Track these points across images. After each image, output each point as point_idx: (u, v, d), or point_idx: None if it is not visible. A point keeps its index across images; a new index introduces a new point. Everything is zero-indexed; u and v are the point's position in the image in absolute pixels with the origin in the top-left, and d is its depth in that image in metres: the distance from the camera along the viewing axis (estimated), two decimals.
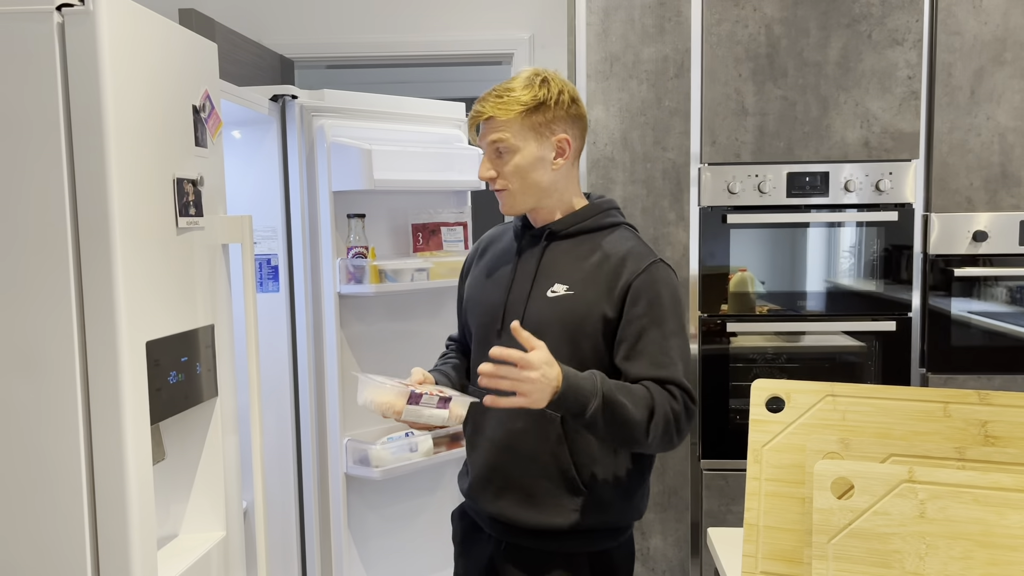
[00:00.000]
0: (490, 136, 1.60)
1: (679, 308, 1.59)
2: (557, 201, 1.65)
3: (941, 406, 1.30)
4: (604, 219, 1.65)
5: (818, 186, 2.58)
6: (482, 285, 1.72)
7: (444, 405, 1.50)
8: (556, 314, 1.57)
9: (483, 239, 1.83)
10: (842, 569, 1.20)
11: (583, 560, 1.62)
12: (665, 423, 1.50)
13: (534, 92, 1.57)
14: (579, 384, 1.44)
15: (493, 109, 1.57)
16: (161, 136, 1.46)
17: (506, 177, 1.60)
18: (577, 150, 1.64)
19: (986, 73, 2.54)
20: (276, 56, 3.13)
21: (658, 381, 1.52)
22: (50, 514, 1.35)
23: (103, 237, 1.32)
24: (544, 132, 1.59)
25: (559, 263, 1.62)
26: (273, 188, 2.38)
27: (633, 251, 1.59)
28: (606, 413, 1.45)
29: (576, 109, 1.61)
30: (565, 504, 1.59)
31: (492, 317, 1.65)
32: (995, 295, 2.61)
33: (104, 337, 1.33)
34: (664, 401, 1.50)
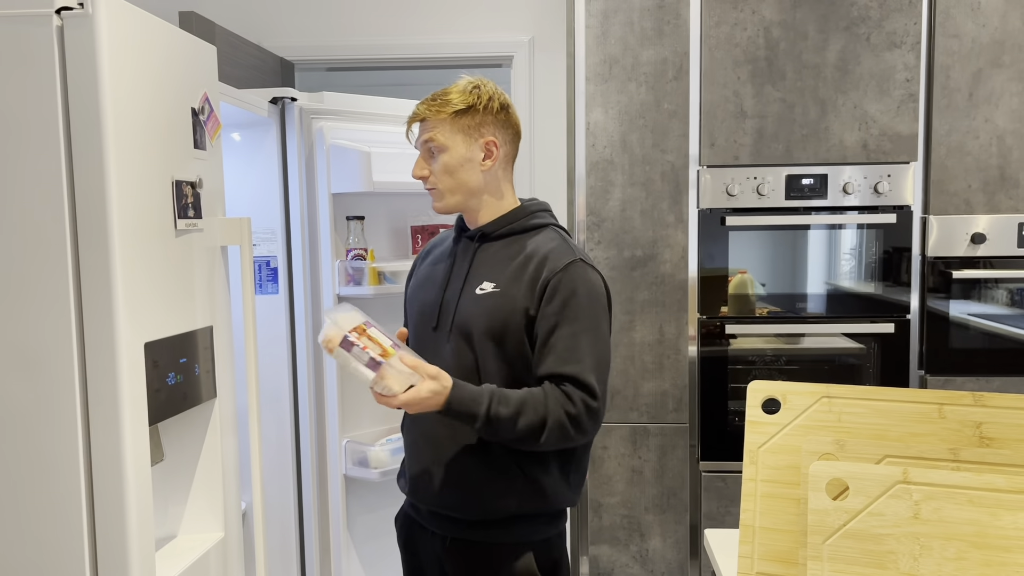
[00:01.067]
0: (423, 136, 1.70)
1: (596, 307, 1.63)
2: (487, 202, 1.72)
3: (936, 408, 1.31)
4: (532, 220, 1.72)
5: (817, 188, 2.59)
6: (422, 285, 1.80)
7: (374, 367, 1.46)
8: (483, 310, 1.63)
9: (429, 244, 1.91)
10: (837, 570, 1.20)
11: (528, 549, 1.67)
12: (560, 428, 1.56)
13: (464, 96, 1.67)
14: (465, 401, 1.52)
15: (426, 111, 1.68)
16: (160, 138, 1.47)
17: (436, 175, 1.69)
18: (507, 155, 1.72)
19: (984, 76, 2.54)
20: (276, 58, 3.13)
21: (560, 377, 1.57)
22: (49, 515, 1.35)
23: (102, 239, 1.33)
24: (472, 134, 1.67)
25: (489, 263, 1.69)
26: (272, 190, 2.39)
27: (555, 251, 1.65)
28: (491, 428, 1.53)
29: (505, 116, 1.70)
30: (504, 489, 1.62)
31: (428, 315, 1.73)
32: (994, 297, 2.62)
33: (103, 338, 1.34)
34: (558, 406, 1.55)
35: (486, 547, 1.66)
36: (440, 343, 1.68)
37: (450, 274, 1.73)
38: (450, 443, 1.65)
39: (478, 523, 1.65)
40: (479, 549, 1.67)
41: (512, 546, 1.67)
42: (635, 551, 2.70)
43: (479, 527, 1.65)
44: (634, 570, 2.71)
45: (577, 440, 1.60)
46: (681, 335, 2.65)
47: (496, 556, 1.66)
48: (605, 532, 2.71)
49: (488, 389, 1.56)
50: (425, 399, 1.49)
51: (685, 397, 2.66)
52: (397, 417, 2.61)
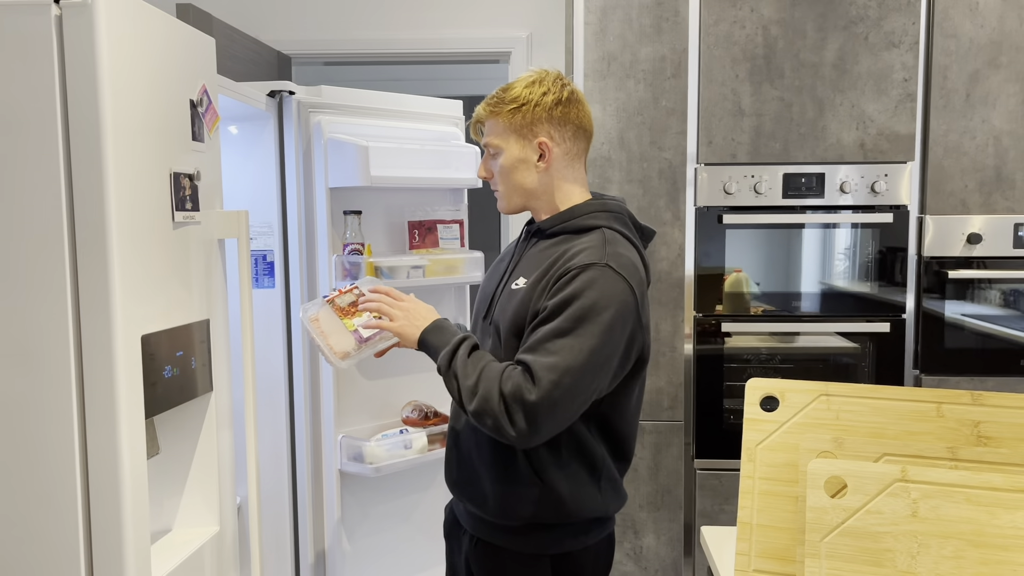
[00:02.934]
0: (483, 138, 1.66)
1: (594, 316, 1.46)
2: (548, 202, 1.65)
3: (934, 406, 1.31)
4: (586, 220, 1.61)
5: (814, 187, 2.59)
6: (489, 276, 1.79)
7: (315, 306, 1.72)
8: (511, 306, 1.61)
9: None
10: (835, 567, 1.21)
11: (545, 562, 1.60)
12: (487, 399, 1.45)
13: (518, 93, 1.60)
14: (442, 331, 1.58)
15: (483, 111, 1.64)
16: (158, 130, 1.46)
17: (497, 178, 1.66)
18: (568, 152, 1.62)
19: (981, 76, 2.55)
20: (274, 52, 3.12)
21: (517, 362, 1.48)
22: (43, 508, 1.35)
23: (99, 231, 1.32)
24: (526, 134, 1.60)
25: (531, 259, 1.64)
26: (270, 184, 2.38)
27: (584, 252, 1.53)
28: (452, 365, 1.52)
29: (562, 111, 1.60)
30: (521, 495, 1.56)
31: (483, 305, 1.72)
32: (989, 298, 2.62)
33: (99, 330, 1.33)
34: (495, 380, 1.46)
35: (503, 552, 1.62)
36: (486, 334, 1.67)
37: (507, 267, 1.71)
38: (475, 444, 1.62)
39: (498, 527, 1.61)
40: (497, 553, 1.62)
41: (528, 556, 1.60)
42: (629, 548, 2.71)
43: (499, 531, 1.62)
44: (628, 567, 2.71)
45: (506, 429, 1.44)
46: (677, 333, 2.65)
47: (511, 564, 1.61)
48: None
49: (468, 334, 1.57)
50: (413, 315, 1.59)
51: (680, 395, 2.67)
52: (393, 412, 2.62)
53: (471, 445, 1.63)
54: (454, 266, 2.62)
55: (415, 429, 2.54)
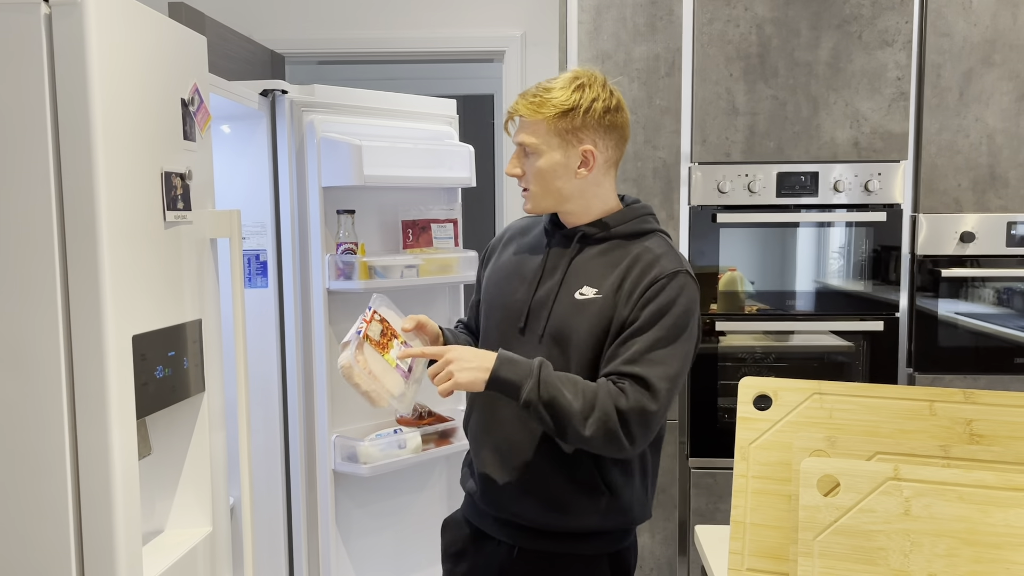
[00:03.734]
0: (519, 136, 1.58)
1: (689, 322, 1.51)
2: (583, 207, 1.60)
3: (927, 404, 1.31)
4: (639, 225, 1.60)
5: (807, 186, 2.59)
6: (507, 280, 1.67)
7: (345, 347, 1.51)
8: (584, 317, 1.53)
9: (509, 229, 1.78)
10: (827, 566, 1.21)
11: (603, 561, 1.59)
12: (605, 419, 1.42)
13: (566, 97, 1.52)
14: (514, 362, 1.45)
15: (524, 108, 1.55)
16: (149, 129, 1.46)
17: (529, 177, 1.58)
18: (609, 160, 1.58)
19: (975, 75, 2.55)
20: (267, 51, 3.11)
21: (621, 375, 1.46)
22: (34, 509, 1.34)
23: (89, 230, 1.31)
24: (570, 140, 1.54)
25: (590, 266, 1.57)
26: (262, 183, 2.37)
27: (664, 257, 1.54)
28: (543, 394, 1.42)
29: (611, 119, 1.55)
30: (588, 506, 1.54)
31: (516, 314, 1.61)
32: (982, 296, 2.63)
33: (90, 331, 1.32)
34: (608, 398, 1.43)
35: (558, 557, 1.58)
36: (529, 347, 1.56)
37: (542, 273, 1.61)
38: (533, 453, 1.56)
39: (552, 534, 1.57)
40: (553, 559, 1.58)
41: (587, 558, 1.59)
42: None
43: (554, 538, 1.57)
44: None
45: (623, 444, 1.44)
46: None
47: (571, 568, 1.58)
48: None
49: (539, 359, 1.46)
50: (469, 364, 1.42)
51: None
52: (387, 412, 2.61)
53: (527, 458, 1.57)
54: (448, 265, 2.62)
55: (409, 429, 2.53)
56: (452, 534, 1.74)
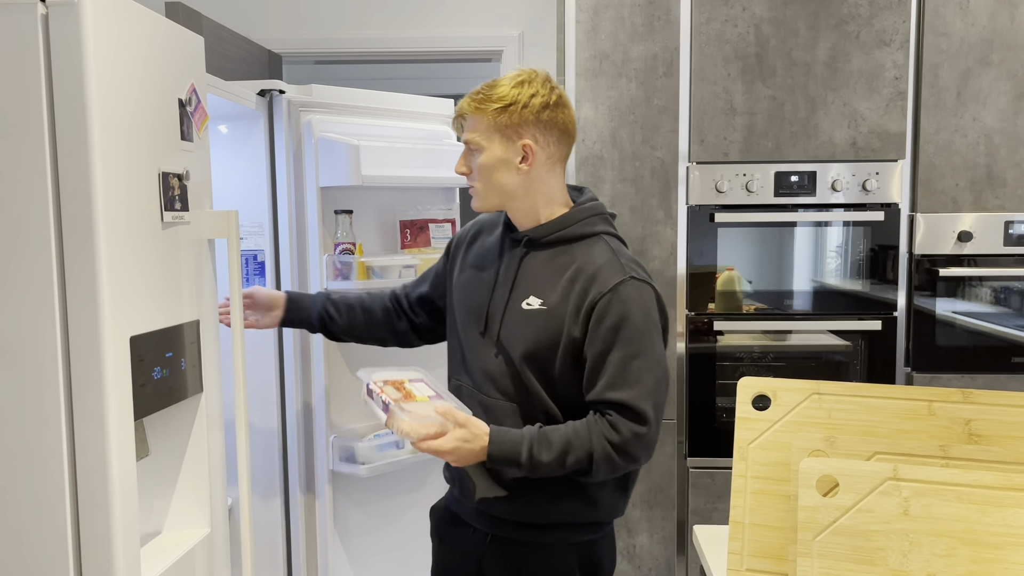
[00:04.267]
0: (465, 134, 1.63)
1: (649, 327, 1.55)
2: (529, 205, 1.63)
3: (925, 404, 1.31)
4: (583, 228, 1.62)
5: (805, 186, 2.60)
6: (470, 282, 1.72)
7: (384, 411, 1.53)
8: (530, 329, 1.58)
9: (477, 223, 1.82)
10: (826, 566, 1.21)
11: (570, 550, 1.64)
12: (607, 460, 1.51)
13: (506, 92, 1.57)
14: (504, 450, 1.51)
15: (468, 106, 1.61)
16: (146, 130, 1.45)
17: (475, 175, 1.63)
18: (551, 156, 1.61)
19: (972, 74, 2.55)
20: (264, 51, 3.11)
21: (608, 404, 1.52)
22: (32, 511, 1.34)
23: (87, 231, 1.31)
24: (510, 135, 1.58)
25: (537, 275, 1.61)
26: (260, 183, 2.37)
27: (604, 268, 1.56)
28: (536, 472, 1.52)
29: (549, 115, 1.59)
30: (553, 500, 1.60)
31: (476, 317, 1.67)
32: (979, 295, 2.63)
33: (87, 332, 1.32)
34: (601, 439, 1.51)
35: (529, 546, 1.64)
36: (487, 349, 1.63)
37: (496, 278, 1.66)
38: None
39: (523, 525, 1.62)
40: (522, 547, 1.64)
41: (556, 547, 1.64)
42: (623, 547, 2.71)
43: (524, 528, 1.63)
44: (621, 566, 2.71)
45: (629, 467, 1.56)
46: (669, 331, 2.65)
47: (538, 555, 1.64)
48: None
49: (528, 434, 1.52)
50: (456, 448, 1.48)
51: (673, 393, 2.67)
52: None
53: None
54: None
55: None
56: (436, 518, 1.83)
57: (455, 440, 1.48)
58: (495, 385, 1.63)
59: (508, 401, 1.61)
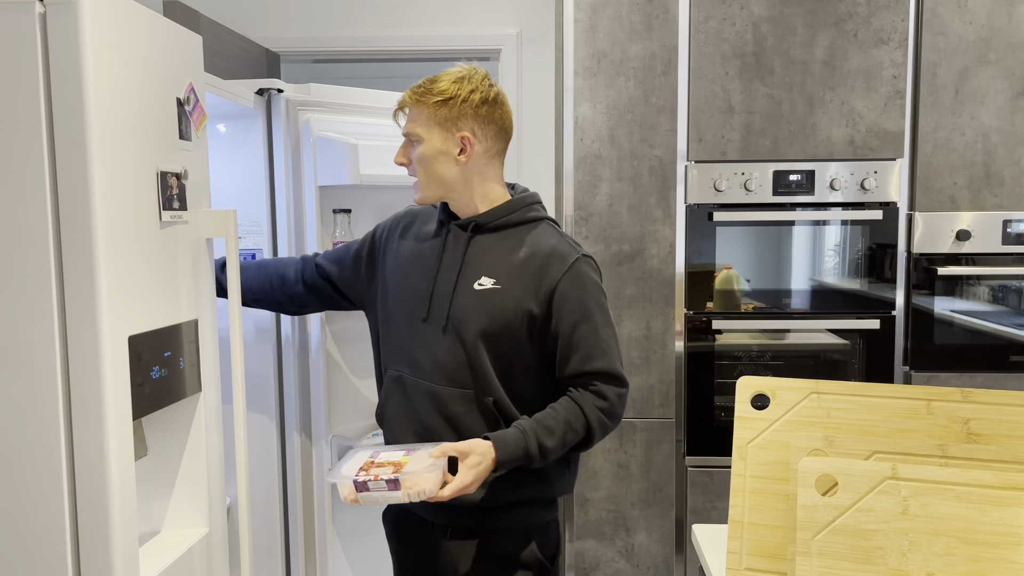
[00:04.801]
0: (406, 126, 1.69)
1: (602, 298, 1.66)
2: (469, 195, 1.70)
3: (924, 403, 1.31)
4: (527, 213, 1.71)
5: (804, 184, 2.60)
6: (407, 269, 1.75)
7: (395, 487, 1.48)
8: (483, 307, 1.63)
9: (409, 213, 1.86)
10: (825, 565, 1.21)
11: (528, 533, 1.69)
12: (602, 427, 1.62)
13: (446, 86, 1.64)
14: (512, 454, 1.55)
15: (409, 98, 1.67)
16: (145, 129, 1.45)
17: (415, 167, 1.69)
18: (489, 150, 1.69)
19: (970, 73, 2.55)
20: (262, 50, 3.10)
21: (589, 375, 1.61)
22: (30, 511, 1.33)
23: (85, 230, 1.31)
24: (449, 127, 1.65)
25: (486, 256, 1.67)
26: (258, 182, 2.36)
27: (557, 249, 1.65)
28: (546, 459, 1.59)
29: (488, 110, 1.66)
30: (506, 478, 1.63)
31: (418, 306, 1.70)
32: (977, 294, 2.63)
33: (86, 331, 1.32)
34: (593, 409, 1.61)
35: (488, 533, 1.68)
36: (433, 335, 1.67)
37: (440, 264, 1.70)
38: (448, 434, 1.65)
39: (478, 509, 1.65)
40: (482, 536, 1.68)
41: (514, 531, 1.69)
42: (621, 546, 2.71)
43: (480, 513, 1.66)
44: (619, 564, 2.72)
45: (614, 427, 1.65)
46: (668, 330, 2.65)
47: (499, 542, 1.68)
48: (591, 526, 2.71)
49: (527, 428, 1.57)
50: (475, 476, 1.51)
51: (671, 392, 2.67)
52: None
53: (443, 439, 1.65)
54: None
55: None
56: (392, 521, 1.84)
57: (469, 470, 1.51)
58: (441, 371, 1.66)
59: (455, 387, 1.65)
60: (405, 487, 1.48)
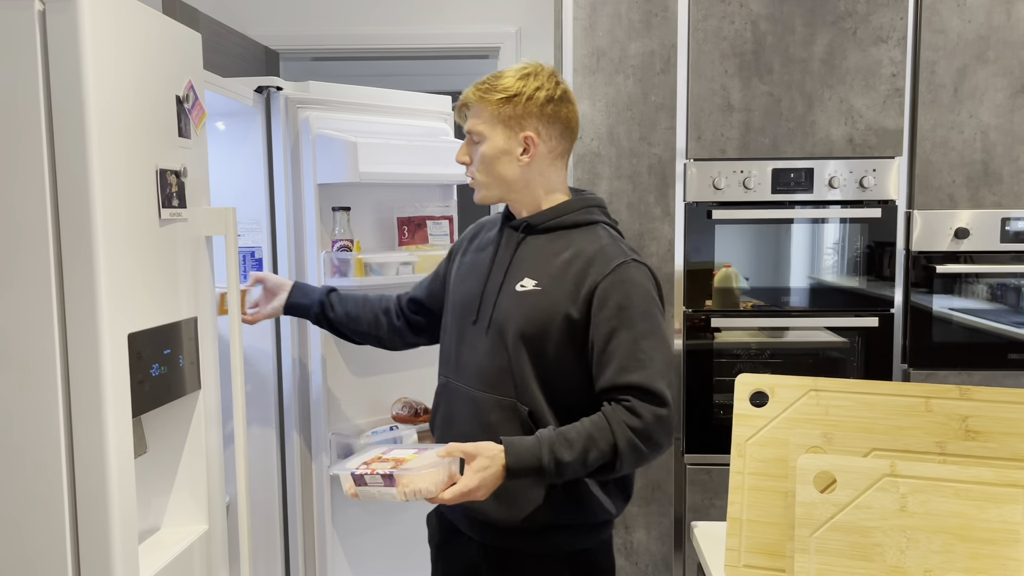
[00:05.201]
0: (468, 123, 1.63)
1: (652, 308, 1.54)
2: (530, 197, 1.64)
3: (923, 401, 1.31)
4: (582, 216, 1.63)
5: (802, 182, 2.60)
6: (465, 275, 1.72)
7: (390, 483, 1.43)
8: (522, 309, 1.56)
9: (477, 225, 1.82)
10: (824, 562, 1.21)
11: (562, 561, 1.60)
12: (632, 450, 1.47)
13: (511, 84, 1.57)
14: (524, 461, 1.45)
15: (472, 95, 1.60)
16: (144, 126, 1.45)
17: (475, 165, 1.63)
18: (553, 150, 1.62)
19: (969, 71, 2.55)
20: (261, 48, 3.10)
21: (623, 388, 1.49)
22: (30, 508, 1.34)
23: (84, 228, 1.31)
24: (513, 126, 1.58)
25: (532, 257, 1.61)
26: (257, 180, 2.36)
27: (603, 251, 1.56)
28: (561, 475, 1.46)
29: (553, 109, 1.59)
30: (537, 498, 1.55)
31: (469, 308, 1.66)
32: (976, 292, 2.64)
33: (85, 329, 1.32)
34: (621, 426, 1.46)
35: (520, 556, 1.60)
36: (478, 339, 1.61)
37: (492, 265, 1.65)
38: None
39: (512, 530, 1.57)
40: (513, 558, 1.60)
41: (547, 557, 1.59)
42: (620, 543, 2.71)
43: (513, 535, 1.58)
44: (619, 562, 2.72)
45: (654, 455, 1.50)
46: (666, 328, 2.65)
47: (530, 567, 1.59)
48: None
49: (544, 436, 1.47)
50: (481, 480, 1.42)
51: None
52: (383, 410, 2.61)
53: None
54: None
55: (405, 426, 2.53)
56: (433, 526, 1.81)
57: (475, 473, 1.43)
58: (482, 376, 1.60)
59: (494, 394, 1.58)
60: (401, 484, 1.41)
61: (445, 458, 1.46)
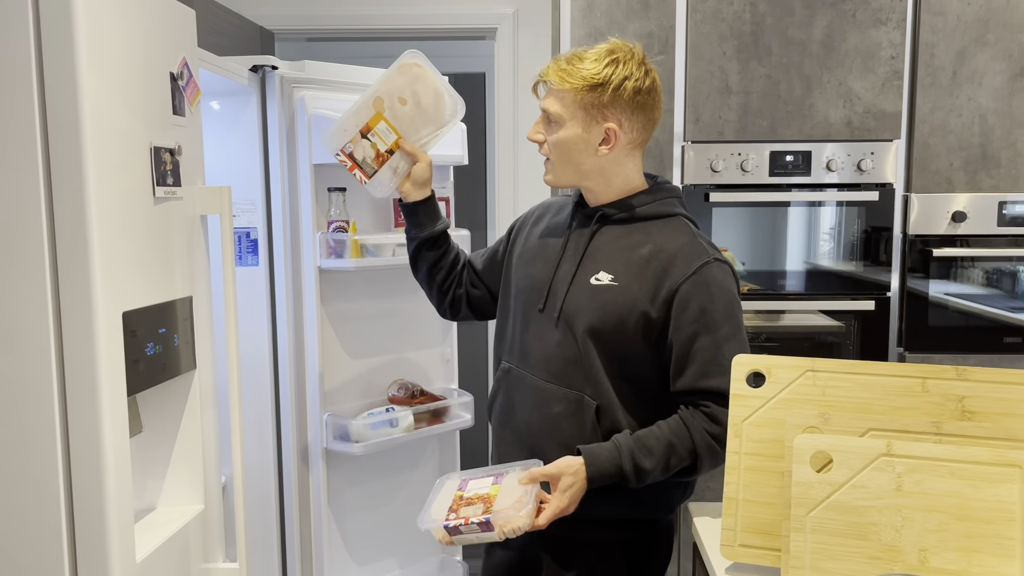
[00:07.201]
0: (544, 102, 1.54)
1: (735, 310, 1.50)
2: (604, 185, 1.57)
3: (919, 381, 1.32)
4: (661, 208, 1.57)
5: (800, 165, 2.59)
6: (532, 258, 1.65)
7: (487, 528, 1.43)
8: (596, 303, 1.51)
9: (542, 206, 1.76)
10: (820, 542, 1.21)
11: (616, 548, 1.59)
12: (711, 454, 1.48)
13: (597, 70, 1.48)
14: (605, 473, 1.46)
15: (554, 74, 1.51)
16: (138, 104, 1.44)
17: (550, 146, 1.55)
18: (633, 141, 1.55)
19: (968, 54, 2.54)
20: (256, 27, 3.08)
21: (702, 393, 1.47)
22: (25, 487, 1.33)
23: (78, 206, 1.30)
24: (595, 115, 1.50)
25: (608, 249, 1.55)
26: (252, 160, 2.35)
27: (685, 249, 1.51)
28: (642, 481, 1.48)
29: (640, 100, 1.50)
30: (600, 494, 1.51)
31: (536, 294, 1.60)
32: (972, 277, 2.64)
33: (79, 307, 1.31)
34: (701, 433, 1.47)
35: (576, 543, 1.59)
36: (546, 327, 1.56)
37: (563, 253, 1.59)
38: (547, 436, 1.56)
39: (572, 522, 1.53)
40: (569, 544, 1.59)
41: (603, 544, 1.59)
42: None
43: (572, 526, 1.54)
44: None
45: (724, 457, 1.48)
46: None
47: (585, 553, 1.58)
48: None
49: (623, 444, 1.46)
50: (570, 498, 1.44)
51: None
52: (379, 391, 2.61)
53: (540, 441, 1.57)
54: None
55: (401, 408, 2.53)
56: None
57: (563, 493, 1.44)
58: (548, 366, 1.55)
59: (560, 386, 1.55)
60: (498, 526, 1.42)
61: (528, 485, 1.46)
